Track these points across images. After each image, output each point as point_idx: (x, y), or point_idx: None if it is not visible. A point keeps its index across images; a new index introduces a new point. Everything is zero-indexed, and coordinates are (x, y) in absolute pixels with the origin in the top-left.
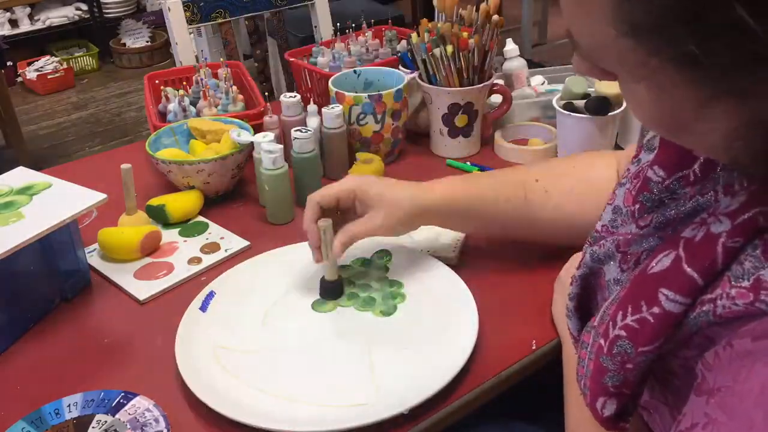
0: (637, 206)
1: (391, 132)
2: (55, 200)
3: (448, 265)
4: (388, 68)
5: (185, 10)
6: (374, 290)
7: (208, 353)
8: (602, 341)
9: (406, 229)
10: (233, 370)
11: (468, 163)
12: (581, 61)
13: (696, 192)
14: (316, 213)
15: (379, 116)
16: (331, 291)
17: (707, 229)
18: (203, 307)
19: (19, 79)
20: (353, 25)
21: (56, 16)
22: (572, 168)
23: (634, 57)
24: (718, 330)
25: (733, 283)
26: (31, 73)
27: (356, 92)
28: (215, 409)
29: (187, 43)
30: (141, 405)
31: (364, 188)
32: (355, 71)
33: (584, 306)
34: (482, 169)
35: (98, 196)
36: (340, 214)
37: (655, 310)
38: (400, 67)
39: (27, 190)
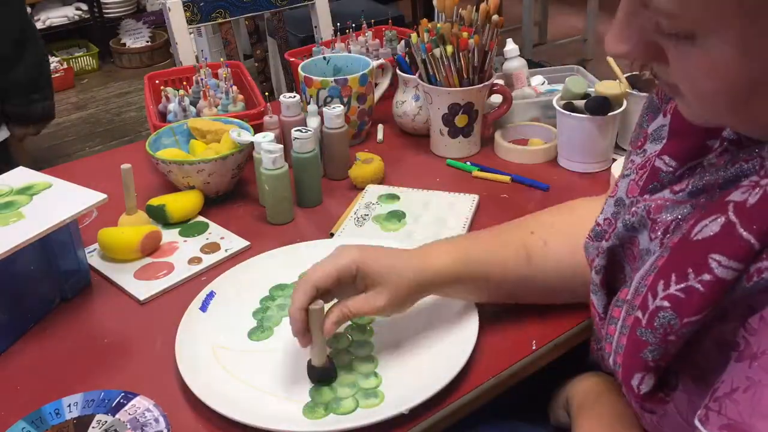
0: (646, 196)
1: (357, 114)
2: (55, 200)
3: None
4: (356, 55)
5: (185, 10)
6: None
7: (208, 353)
8: (639, 314)
9: (408, 307)
10: (233, 370)
11: (468, 163)
12: (633, 33)
13: (728, 161)
14: (311, 298)
15: (345, 99)
16: (321, 376)
17: (763, 191)
18: (203, 307)
19: None
20: (353, 25)
21: (56, 16)
22: (561, 213)
23: (737, 3)
24: (761, 297)
25: None
26: None
27: (324, 77)
28: (215, 409)
29: (187, 43)
30: (141, 405)
31: (368, 263)
32: (324, 57)
33: (610, 280)
34: (482, 169)
35: (98, 196)
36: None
37: (706, 277)
38: (398, 69)
39: (27, 190)
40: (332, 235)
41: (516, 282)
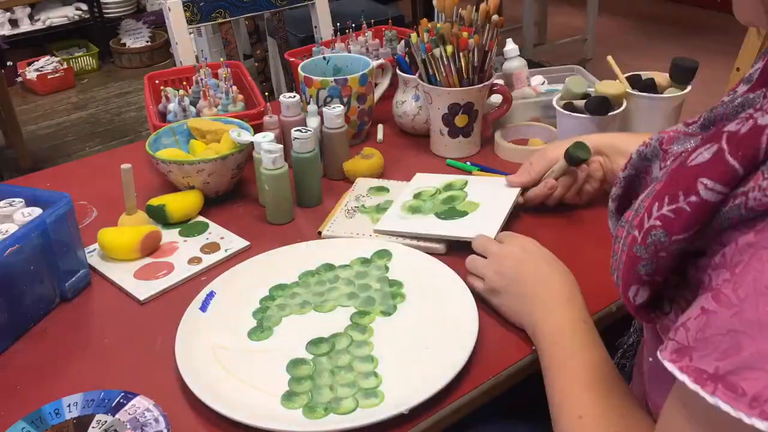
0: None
1: (357, 114)
2: (483, 188)
3: (436, 255)
4: (356, 55)
5: (185, 10)
6: (374, 290)
7: (208, 353)
8: (636, 232)
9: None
10: (233, 370)
11: (468, 163)
12: None
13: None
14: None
15: (345, 99)
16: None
17: (754, 122)
18: (203, 307)
19: (19, 79)
20: (353, 25)
21: (56, 16)
22: None
23: None
24: (729, 233)
25: (766, 175)
26: (31, 73)
27: (324, 77)
28: (215, 409)
29: (187, 43)
30: (141, 405)
31: (606, 144)
32: (324, 57)
33: (625, 207)
34: (482, 169)
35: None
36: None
37: (693, 198)
38: (398, 69)
39: (450, 187)
40: (320, 233)
41: None
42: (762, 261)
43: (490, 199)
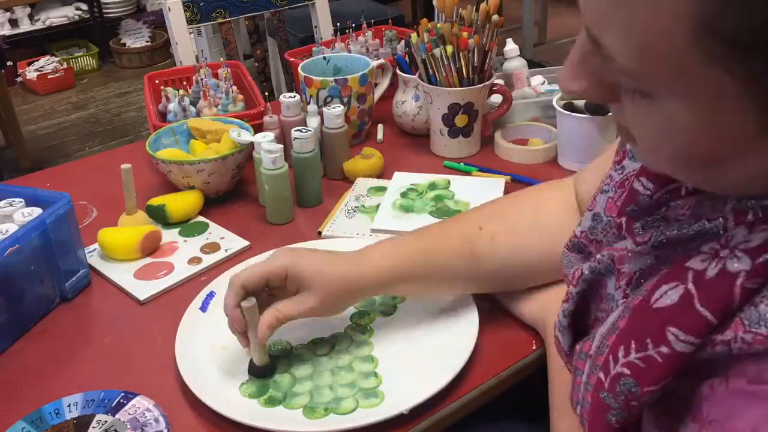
0: (624, 218)
1: (357, 114)
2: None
3: None
4: (356, 55)
5: (185, 10)
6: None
7: (208, 353)
8: (602, 375)
9: (344, 308)
10: (233, 370)
11: (462, 163)
12: (587, 74)
13: (692, 210)
14: (239, 296)
15: (345, 99)
16: (261, 374)
17: (723, 265)
18: (203, 307)
19: (19, 79)
20: (353, 25)
21: (56, 16)
22: (518, 200)
23: (696, 68)
24: (717, 365)
25: (748, 327)
26: (31, 73)
27: (324, 77)
28: (215, 409)
29: (187, 43)
30: (141, 405)
31: (297, 267)
32: (324, 57)
33: (578, 322)
34: (481, 170)
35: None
36: (268, 291)
37: (664, 349)
38: (398, 69)
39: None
40: (320, 233)
41: (462, 279)
42: (760, 415)
43: (478, 198)
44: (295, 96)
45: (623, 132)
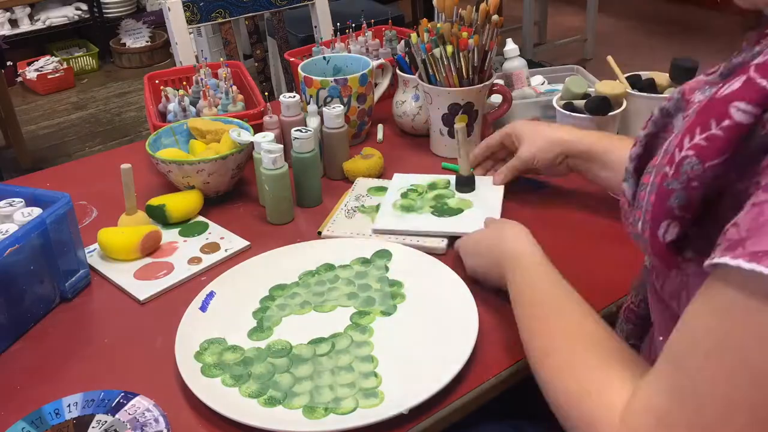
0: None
1: (357, 114)
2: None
3: (436, 255)
4: (356, 55)
5: (185, 10)
6: (374, 290)
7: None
8: (667, 169)
9: (559, 169)
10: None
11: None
12: None
13: (754, 40)
14: (483, 155)
15: (345, 99)
16: (466, 184)
17: None
18: (203, 307)
19: (19, 79)
20: (353, 25)
21: (56, 16)
22: None
23: None
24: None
25: None
26: (31, 73)
27: (324, 77)
28: (215, 409)
29: (187, 43)
30: (141, 405)
31: (518, 127)
32: (324, 57)
33: (643, 168)
34: None
35: None
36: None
37: (726, 123)
38: (398, 69)
39: (435, 186)
40: (320, 233)
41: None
42: None
43: (479, 197)
44: (295, 96)
45: None
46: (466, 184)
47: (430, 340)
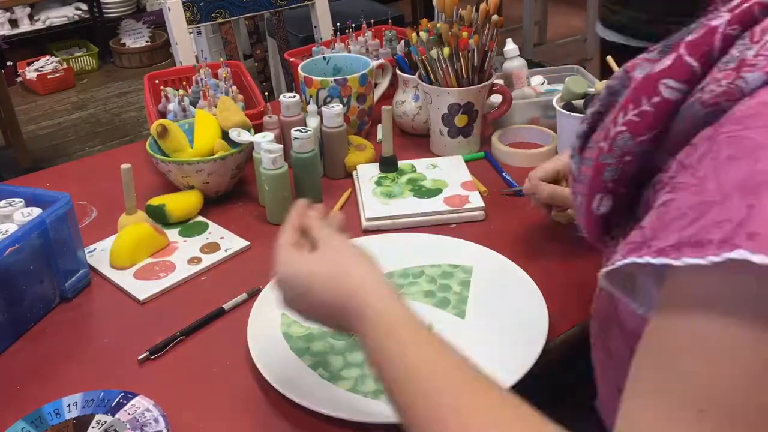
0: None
1: (357, 114)
2: (435, 168)
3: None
4: (356, 55)
5: (185, 10)
6: (453, 292)
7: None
8: (603, 144)
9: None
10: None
11: None
12: None
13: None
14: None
15: (344, 99)
16: (389, 163)
17: (707, 27)
18: None
19: (19, 79)
20: (353, 25)
21: (56, 16)
22: None
23: None
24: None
25: (720, 67)
26: (31, 73)
27: (324, 77)
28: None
29: (187, 43)
30: (141, 405)
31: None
32: (324, 57)
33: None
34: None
35: None
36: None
37: (655, 99)
38: (398, 69)
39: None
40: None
41: None
42: (718, 143)
43: (450, 175)
44: (294, 96)
45: None
46: (389, 163)
47: (492, 350)
